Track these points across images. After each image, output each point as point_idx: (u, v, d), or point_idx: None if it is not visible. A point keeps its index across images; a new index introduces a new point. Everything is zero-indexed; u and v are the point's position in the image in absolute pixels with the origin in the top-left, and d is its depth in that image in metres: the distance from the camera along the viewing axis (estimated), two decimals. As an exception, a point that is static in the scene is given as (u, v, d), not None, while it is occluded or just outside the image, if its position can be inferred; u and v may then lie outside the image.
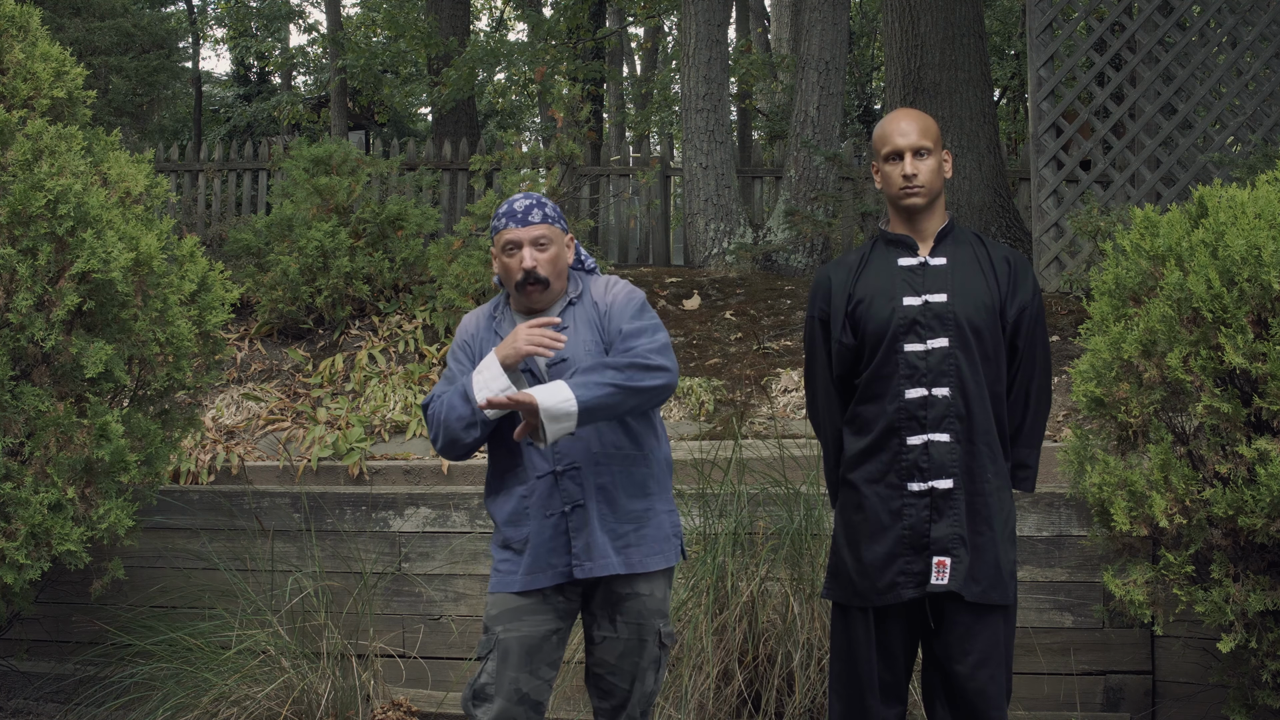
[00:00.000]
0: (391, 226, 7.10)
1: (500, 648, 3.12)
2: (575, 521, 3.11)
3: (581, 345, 3.17)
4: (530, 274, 3.16)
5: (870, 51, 18.41)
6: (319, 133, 16.39)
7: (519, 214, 3.20)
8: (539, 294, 3.19)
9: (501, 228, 3.20)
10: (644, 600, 3.17)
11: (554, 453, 3.12)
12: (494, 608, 3.17)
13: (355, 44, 15.30)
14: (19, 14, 4.64)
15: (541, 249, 3.18)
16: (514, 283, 3.20)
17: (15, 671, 5.10)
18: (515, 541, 3.16)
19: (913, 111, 3.23)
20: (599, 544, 3.11)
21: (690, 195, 8.64)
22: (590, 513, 3.11)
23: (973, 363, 3.09)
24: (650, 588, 3.18)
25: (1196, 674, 4.37)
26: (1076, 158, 7.08)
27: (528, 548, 3.14)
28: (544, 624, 3.14)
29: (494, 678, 3.10)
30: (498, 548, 3.21)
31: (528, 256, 3.16)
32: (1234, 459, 3.47)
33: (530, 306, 3.24)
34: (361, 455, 5.61)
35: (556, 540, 3.12)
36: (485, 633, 3.18)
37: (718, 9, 8.74)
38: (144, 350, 4.39)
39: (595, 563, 3.11)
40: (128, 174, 4.61)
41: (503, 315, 3.29)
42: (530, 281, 3.17)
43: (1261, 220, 3.53)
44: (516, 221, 3.19)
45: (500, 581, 3.18)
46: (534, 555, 3.12)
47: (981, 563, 3.06)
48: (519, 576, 3.14)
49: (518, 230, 3.18)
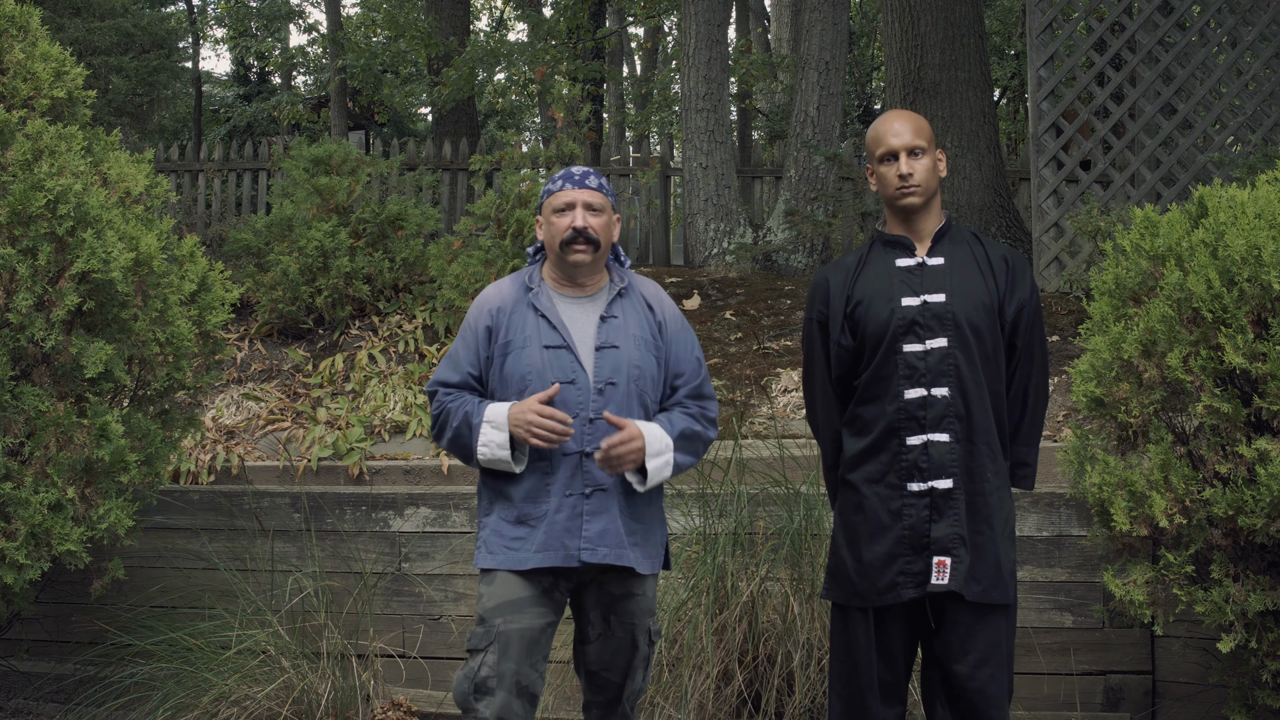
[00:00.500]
0: (391, 226, 7.10)
1: (501, 640, 3.10)
2: (593, 505, 3.11)
3: (631, 339, 3.20)
4: (581, 232, 3.15)
5: (870, 51, 18.41)
6: (319, 133, 16.39)
7: (576, 176, 3.21)
8: (586, 258, 3.17)
9: (556, 190, 3.20)
10: (638, 600, 3.21)
11: (584, 434, 3.11)
12: (491, 599, 3.14)
13: (355, 44, 15.30)
14: (19, 14, 4.64)
15: (595, 214, 3.18)
16: (559, 240, 3.16)
17: (15, 671, 5.10)
18: (532, 517, 3.12)
19: (906, 112, 3.24)
20: (615, 532, 3.12)
21: (690, 195, 8.64)
22: (612, 499, 3.12)
23: (972, 362, 3.09)
24: (644, 588, 3.23)
25: (1196, 674, 4.37)
26: (1076, 158, 7.08)
27: (543, 524, 3.11)
28: (542, 617, 3.14)
29: (495, 670, 3.09)
30: (508, 523, 3.15)
31: (580, 216, 3.15)
32: (1234, 459, 3.47)
33: (573, 276, 3.22)
34: (361, 455, 5.61)
35: (572, 522, 3.10)
36: (481, 624, 3.14)
37: (718, 9, 8.74)
38: (144, 350, 4.39)
39: (610, 550, 3.11)
40: (128, 174, 4.61)
41: (539, 288, 3.24)
42: (580, 241, 3.15)
43: (1261, 220, 3.53)
44: (574, 183, 3.19)
45: (510, 558, 3.12)
46: (549, 533, 3.10)
47: (982, 562, 3.06)
48: (531, 554, 3.10)
49: (574, 191, 3.18)
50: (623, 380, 3.15)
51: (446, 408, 3.18)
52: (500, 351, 3.18)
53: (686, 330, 3.33)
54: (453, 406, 3.16)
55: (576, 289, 3.24)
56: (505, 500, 3.17)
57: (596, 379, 3.14)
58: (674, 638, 4.31)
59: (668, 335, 3.28)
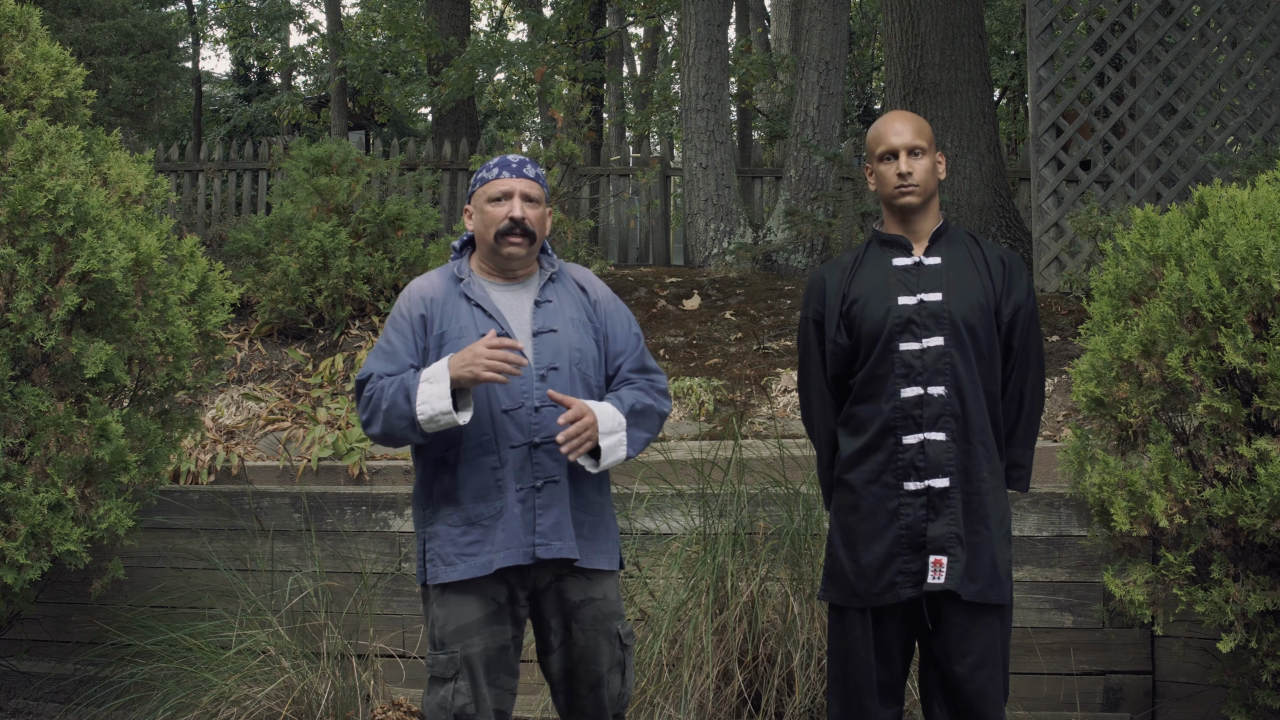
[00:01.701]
0: (391, 226, 7.10)
1: (466, 665, 2.99)
2: (545, 498, 2.98)
3: (568, 321, 3.10)
4: (519, 223, 3.03)
5: (870, 51, 18.42)
6: (319, 133, 16.39)
7: (513, 164, 3.10)
8: (521, 250, 3.06)
9: (492, 178, 3.08)
10: (598, 605, 3.10)
11: (531, 424, 2.98)
12: (448, 622, 2.99)
13: (355, 44, 15.31)
14: (19, 14, 4.64)
15: (532, 206, 3.08)
16: (495, 231, 3.05)
17: (15, 671, 5.10)
18: (485, 517, 2.97)
19: (906, 113, 3.24)
20: (566, 525, 3.00)
21: (690, 195, 8.64)
22: (563, 490, 3.00)
23: (968, 362, 3.09)
24: (603, 590, 3.11)
25: (1196, 674, 4.37)
26: (1076, 158, 7.08)
27: (499, 522, 2.97)
28: (502, 634, 3.03)
29: (470, 696, 2.98)
30: (456, 528, 2.99)
31: (517, 206, 3.04)
32: (1234, 459, 3.47)
33: (506, 267, 3.10)
34: (361, 455, 5.61)
35: (525, 516, 2.97)
36: (442, 649, 3.00)
37: (718, 9, 8.74)
38: (144, 350, 4.39)
39: (564, 543, 2.98)
40: (128, 174, 4.61)
41: (470, 278, 3.11)
42: (517, 232, 3.04)
43: (1261, 220, 3.53)
44: (511, 171, 3.08)
45: (471, 565, 2.97)
46: (508, 530, 2.96)
47: (978, 562, 3.06)
48: (495, 554, 2.96)
49: (511, 180, 3.07)
50: (564, 364, 3.04)
51: (379, 387, 2.99)
52: (436, 343, 3.05)
53: (620, 308, 3.22)
54: (384, 385, 2.99)
55: (508, 278, 3.13)
56: (450, 504, 3.01)
57: (538, 365, 3.02)
58: (674, 638, 4.31)
59: (601, 314, 3.17)
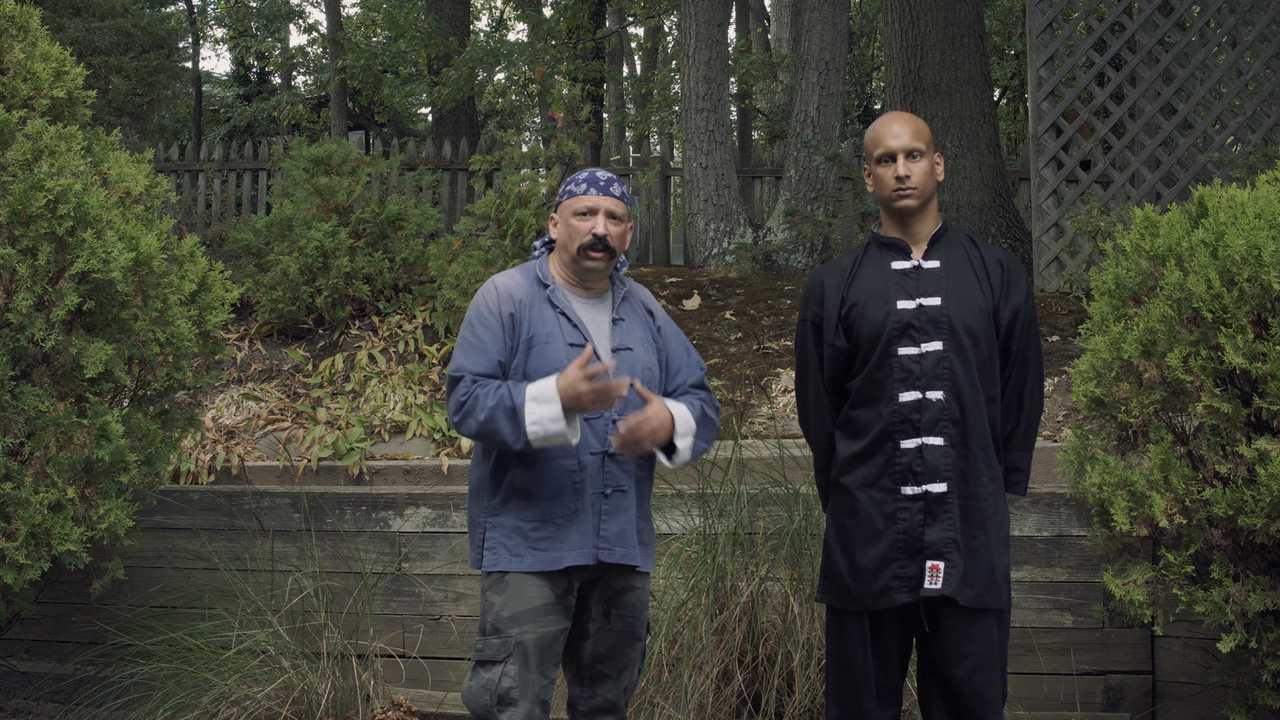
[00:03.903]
0: (391, 226, 7.10)
1: (520, 650, 3.07)
2: (611, 505, 3.13)
3: (639, 341, 3.24)
4: (601, 240, 3.15)
5: (870, 51, 18.42)
6: (319, 133, 16.38)
7: (601, 182, 3.20)
8: (600, 265, 3.18)
9: (580, 192, 3.20)
10: (638, 594, 3.25)
11: (607, 434, 3.12)
12: (507, 607, 3.10)
13: (355, 44, 15.31)
14: (19, 14, 4.64)
15: (615, 223, 3.19)
16: (578, 245, 3.16)
17: (15, 671, 5.10)
18: (558, 516, 3.10)
19: (905, 114, 3.23)
20: (629, 533, 3.15)
21: (690, 195, 8.64)
22: (630, 500, 3.16)
23: (967, 366, 3.09)
24: (643, 583, 3.28)
25: (1196, 674, 4.37)
26: (1076, 158, 7.08)
27: (573, 522, 3.11)
28: (556, 624, 3.13)
29: (517, 681, 3.06)
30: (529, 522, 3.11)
31: (601, 224, 3.16)
32: (1234, 459, 3.47)
33: (584, 280, 3.22)
34: (361, 455, 5.61)
35: (593, 520, 3.12)
36: (496, 634, 3.10)
37: (718, 9, 8.74)
38: (144, 350, 4.39)
39: (628, 550, 3.14)
40: (128, 174, 4.61)
41: (554, 285, 3.23)
42: (599, 248, 3.15)
43: (1261, 220, 3.53)
44: (599, 189, 3.19)
45: (539, 559, 3.09)
46: (581, 531, 3.11)
47: (975, 567, 3.06)
48: (566, 552, 3.10)
49: (599, 197, 3.18)
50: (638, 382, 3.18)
51: (474, 394, 3.08)
52: (525, 345, 3.15)
53: (678, 334, 3.41)
54: (481, 392, 3.07)
55: (586, 290, 3.26)
56: (523, 498, 3.12)
57: None
58: (674, 638, 4.31)
59: (664, 338, 3.34)
